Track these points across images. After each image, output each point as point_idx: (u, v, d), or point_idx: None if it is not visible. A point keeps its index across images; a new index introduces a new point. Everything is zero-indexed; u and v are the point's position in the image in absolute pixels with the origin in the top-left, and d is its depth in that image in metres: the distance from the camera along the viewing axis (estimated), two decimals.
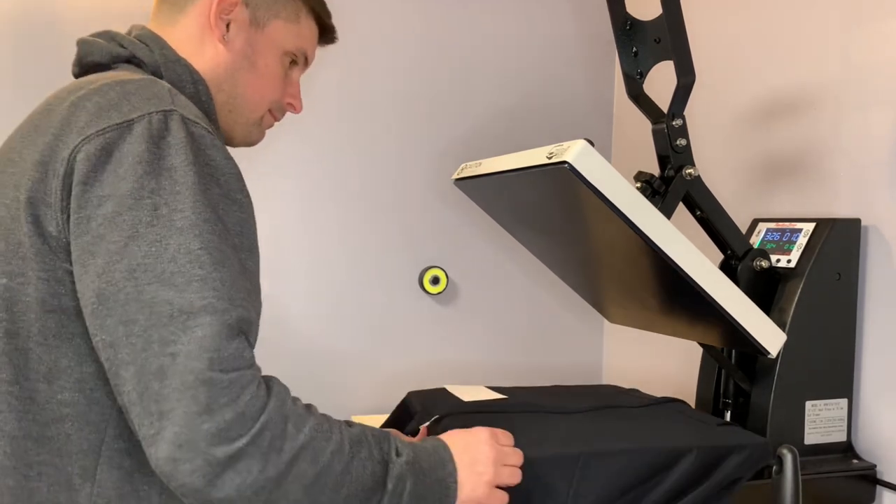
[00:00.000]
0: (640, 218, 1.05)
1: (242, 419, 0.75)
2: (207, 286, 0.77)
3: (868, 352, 1.30)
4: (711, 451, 1.10)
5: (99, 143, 0.80)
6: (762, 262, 1.29)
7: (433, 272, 1.90)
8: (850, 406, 1.28)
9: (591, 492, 1.03)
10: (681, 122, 1.23)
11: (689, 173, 1.23)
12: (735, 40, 1.63)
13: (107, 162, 0.80)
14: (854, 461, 1.27)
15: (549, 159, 1.04)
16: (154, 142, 0.80)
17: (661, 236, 1.07)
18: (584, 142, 1.02)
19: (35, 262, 0.82)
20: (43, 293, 0.82)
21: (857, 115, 1.34)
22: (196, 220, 0.79)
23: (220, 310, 0.77)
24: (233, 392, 0.75)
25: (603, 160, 1.03)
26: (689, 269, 1.09)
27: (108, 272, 0.77)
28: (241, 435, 0.75)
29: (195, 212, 0.79)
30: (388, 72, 1.88)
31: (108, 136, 0.80)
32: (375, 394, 1.82)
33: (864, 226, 1.30)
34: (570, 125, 2.01)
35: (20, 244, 0.83)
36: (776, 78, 1.52)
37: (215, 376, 0.75)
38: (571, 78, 2.02)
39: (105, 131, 0.81)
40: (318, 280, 1.87)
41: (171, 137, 0.81)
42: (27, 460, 0.83)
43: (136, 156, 0.79)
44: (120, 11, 1.65)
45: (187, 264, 0.77)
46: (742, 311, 1.13)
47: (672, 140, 1.23)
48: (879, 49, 1.30)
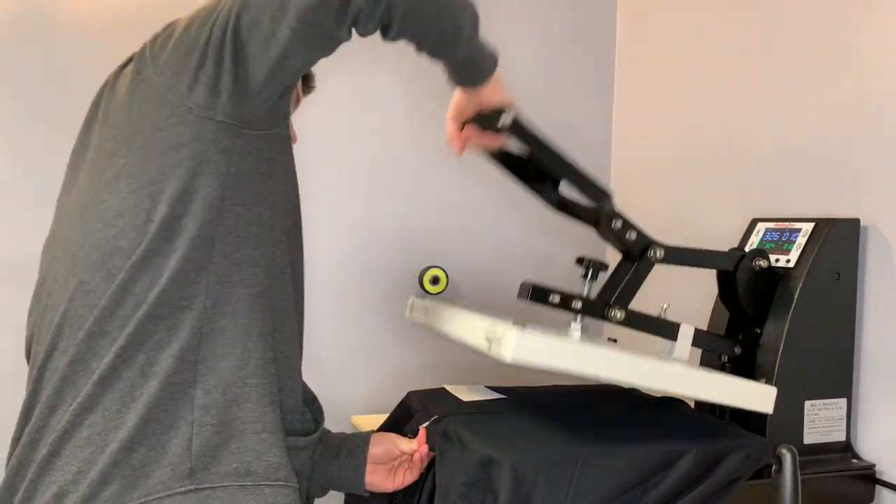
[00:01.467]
0: (597, 370, 1.04)
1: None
2: None
3: (867, 351, 1.30)
4: (711, 451, 1.10)
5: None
6: (761, 262, 1.29)
7: (433, 272, 1.90)
8: (849, 405, 1.28)
9: (590, 492, 1.04)
10: (619, 222, 1.16)
11: (655, 255, 1.19)
12: (737, 40, 1.64)
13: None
14: (853, 461, 1.28)
15: (489, 347, 1.03)
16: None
17: (626, 374, 1.06)
18: (515, 331, 0.98)
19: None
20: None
21: (857, 115, 1.34)
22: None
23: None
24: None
25: (541, 336, 1.00)
26: (667, 388, 1.09)
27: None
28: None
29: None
30: (388, 72, 1.88)
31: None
32: (375, 394, 1.82)
33: (863, 226, 1.30)
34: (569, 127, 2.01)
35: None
36: (776, 78, 1.52)
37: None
38: (571, 78, 2.02)
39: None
40: (319, 280, 1.87)
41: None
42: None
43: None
44: (119, 11, 1.65)
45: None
46: (727, 393, 1.13)
47: (623, 238, 1.18)
48: (880, 49, 1.30)
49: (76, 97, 1.71)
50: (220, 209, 0.94)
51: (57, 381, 0.93)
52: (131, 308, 0.92)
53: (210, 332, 0.94)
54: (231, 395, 0.94)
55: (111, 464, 0.89)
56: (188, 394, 0.92)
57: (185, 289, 0.93)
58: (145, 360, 0.92)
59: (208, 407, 0.93)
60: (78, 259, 0.96)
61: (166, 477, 0.90)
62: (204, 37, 0.92)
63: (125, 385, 0.91)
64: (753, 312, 1.30)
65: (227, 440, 0.93)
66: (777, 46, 1.52)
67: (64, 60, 1.64)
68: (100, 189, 0.96)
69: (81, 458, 0.89)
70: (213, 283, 0.94)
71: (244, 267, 0.97)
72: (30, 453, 0.93)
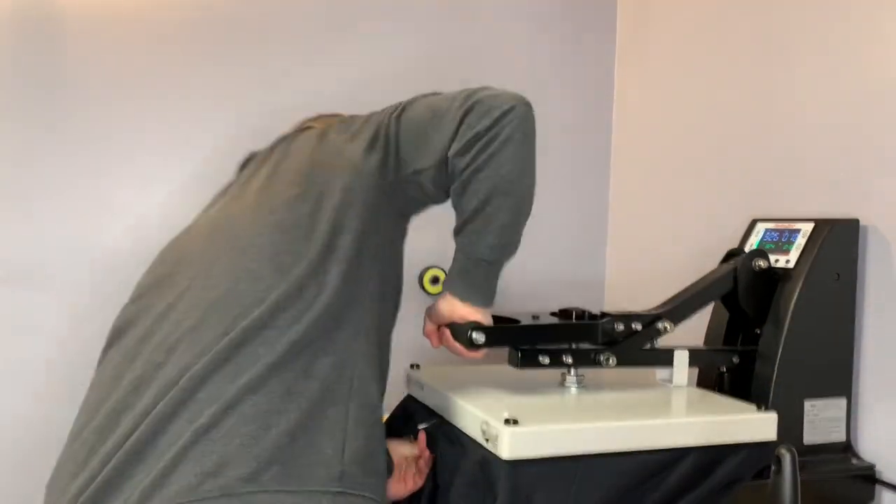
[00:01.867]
0: (597, 446, 1.06)
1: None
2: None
3: (867, 351, 1.30)
4: (711, 451, 1.10)
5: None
6: (761, 263, 1.29)
7: (433, 272, 1.90)
8: (849, 406, 1.28)
9: (592, 492, 1.04)
10: (620, 325, 1.24)
11: (664, 327, 1.25)
12: (738, 40, 1.64)
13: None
14: (853, 461, 1.28)
15: (486, 441, 1.05)
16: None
17: (626, 442, 1.07)
18: (508, 430, 1.00)
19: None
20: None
21: (857, 115, 1.34)
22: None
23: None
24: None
25: (533, 430, 1.02)
26: (674, 444, 1.09)
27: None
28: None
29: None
30: (390, 72, 1.88)
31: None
32: None
33: (862, 226, 1.30)
34: (569, 127, 2.01)
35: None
36: (776, 78, 1.52)
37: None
38: (571, 78, 2.02)
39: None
40: None
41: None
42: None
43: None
44: (120, 11, 1.65)
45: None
46: (731, 432, 1.13)
47: (613, 334, 1.24)
48: (880, 49, 1.30)
49: (76, 97, 1.72)
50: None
51: (211, 357, 0.95)
52: (299, 310, 0.99)
53: (363, 356, 1.03)
54: (376, 416, 1.03)
55: (274, 446, 0.91)
56: (345, 405, 0.98)
57: (347, 309, 1.03)
58: (308, 360, 0.97)
59: (360, 421, 0.99)
60: (248, 251, 1.03)
61: (321, 474, 0.92)
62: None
63: (291, 376, 0.95)
64: (753, 313, 1.30)
65: (369, 456, 0.99)
66: (777, 47, 1.52)
67: (64, 60, 1.64)
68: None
69: (244, 433, 0.91)
70: (366, 310, 1.06)
71: (387, 303, 1.12)
72: (164, 424, 0.92)
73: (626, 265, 1.99)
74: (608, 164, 2.05)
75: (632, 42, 1.99)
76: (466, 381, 1.27)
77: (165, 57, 1.70)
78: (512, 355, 1.22)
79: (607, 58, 2.04)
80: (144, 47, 1.68)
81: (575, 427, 1.06)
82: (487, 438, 1.04)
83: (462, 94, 1.12)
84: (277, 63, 1.78)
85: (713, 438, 1.11)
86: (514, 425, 1.01)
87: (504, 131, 1.07)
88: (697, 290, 1.30)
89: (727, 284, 1.30)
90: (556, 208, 2.01)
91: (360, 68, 1.83)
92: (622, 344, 1.24)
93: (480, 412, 1.08)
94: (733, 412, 1.17)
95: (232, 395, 0.92)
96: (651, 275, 1.85)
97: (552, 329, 1.23)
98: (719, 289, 1.31)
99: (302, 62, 1.79)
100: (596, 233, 2.05)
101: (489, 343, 1.15)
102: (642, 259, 1.91)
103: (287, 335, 0.97)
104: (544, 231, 2.00)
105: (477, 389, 1.23)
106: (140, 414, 0.94)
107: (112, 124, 1.67)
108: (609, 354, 1.22)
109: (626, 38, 2.02)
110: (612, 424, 1.08)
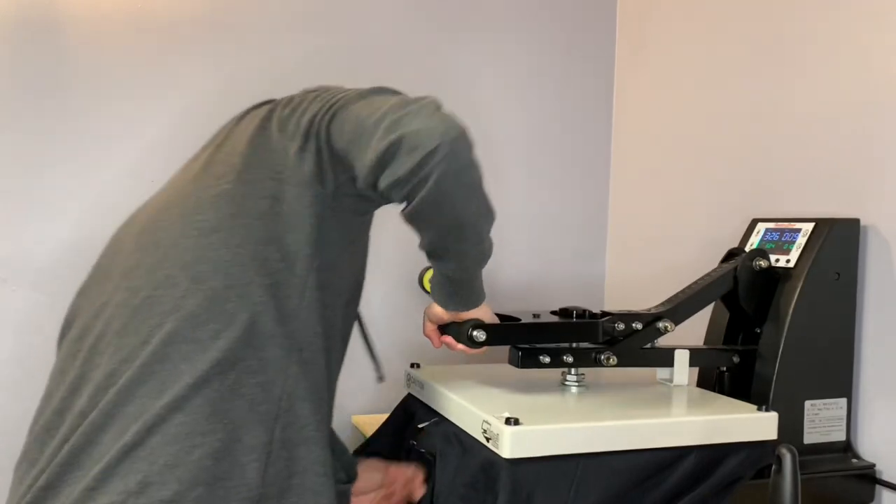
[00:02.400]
0: (598, 446, 1.06)
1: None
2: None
3: (867, 351, 1.30)
4: (711, 451, 1.10)
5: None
6: (761, 262, 1.29)
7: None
8: (849, 405, 1.28)
9: (592, 492, 1.04)
10: (621, 325, 1.24)
11: (665, 326, 1.25)
12: (738, 40, 1.64)
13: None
14: (853, 460, 1.28)
15: (486, 441, 1.05)
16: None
17: (627, 442, 1.07)
18: (509, 430, 1.01)
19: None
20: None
21: (857, 116, 1.34)
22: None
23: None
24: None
25: (535, 429, 1.02)
26: (677, 444, 1.09)
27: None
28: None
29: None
30: (388, 72, 1.88)
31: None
32: (375, 394, 1.82)
33: (862, 226, 1.30)
34: (569, 127, 2.01)
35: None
36: (776, 78, 1.52)
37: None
38: (571, 78, 2.02)
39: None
40: None
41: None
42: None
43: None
44: (119, 12, 1.65)
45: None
46: (732, 432, 1.13)
47: (613, 333, 1.24)
48: (880, 48, 1.30)
49: (76, 97, 1.72)
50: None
51: (136, 369, 0.94)
52: (221, 324, 0.96)
53: (295, 374, 0.99)
54: (305, 435, 0.99)
55: (198, 468, 0.91)
56: (270, 425, 0.96)
57: (276, 324, 0.98)
58: (235, 379, 0.95)
59: (285, 442, 0.97)
60: (169, 254, 1.00)
61: (241, 496, 0.93)
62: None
63: (216, 396, 0.94)
64: (753, 312, 1.30)
65: (292, 475, 0.97)
66: (777, 47, 1.52)
67: (64, 60, 1.64)
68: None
69: (169, 453, 0.91)
70: (302, 323, 1.01)
71: (327, 317, 1.05)
72: (96, 434, 0.93)
73: (626, 265, 1.99)
74: (608, 164, 2.05)
75: (632, 42, 1.99)
76: (467, 381, 1.28)
77: (165, 57, 1.70)
78: (512, 355, 1.22)
79: (607, 58, 2.04)
80: (144, 47, 1.68)
81: (576, 426, 1.06)
82: (488, 438, 1.04)
83: (387, 118, 0.97)
84: (280, 63, 1.78)
85: (713, 438, 1.11)
86: (514, 425, 1.01)
87: (432, 176, 0.95)
88: (698, 290, 1.30)
89: (727, 284, 1.31)
90: (556, 208, 2.01)
91: (358, 65, 1.83)
92: (623, 343, 1.24)
93: (481, 411, 1.08)
94: (733, 412, 1.17)
95: (156, 413, 0.92)
96: (651, 275, 1.85)
97: (553, 328, 1.23)
98: (720, 288, 1.31)
99: (302, 62, 1.79)
100: (596, 233, 2.05)
101: (489, 341, 1.15)
102: (642, 259, 1.91)
103: (209, 352, 0.94)
104: (544, 231, 2.00)
105: (477, 388, 1.23)
106: (77, 415, 0.97)
107: (112, 124, 1.67)
108: (609, 354, 1.22)
109: (626, 39, 2.02)
110: (612, 424, 1.08)
